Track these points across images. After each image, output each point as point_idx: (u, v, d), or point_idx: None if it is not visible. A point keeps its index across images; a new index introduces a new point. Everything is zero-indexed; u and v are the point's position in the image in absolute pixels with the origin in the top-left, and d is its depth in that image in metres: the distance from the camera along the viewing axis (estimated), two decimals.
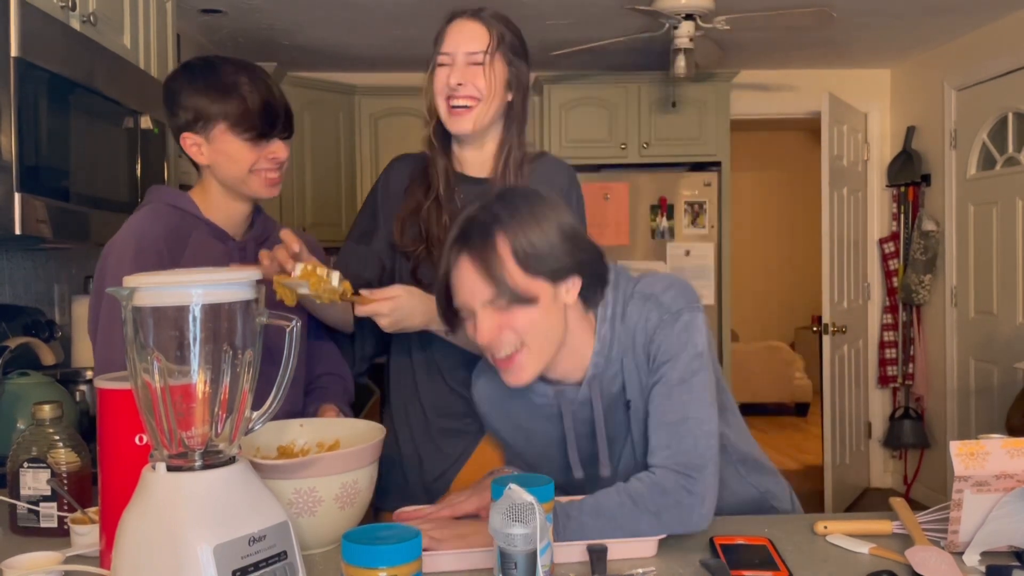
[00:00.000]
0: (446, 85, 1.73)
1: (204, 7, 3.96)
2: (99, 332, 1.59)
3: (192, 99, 1.61)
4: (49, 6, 2.05)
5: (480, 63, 1.72)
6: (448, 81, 1.72)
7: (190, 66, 1.66)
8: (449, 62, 1.74)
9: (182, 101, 1.62)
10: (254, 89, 1.62)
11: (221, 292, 0.98)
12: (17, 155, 1.84)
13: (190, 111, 1.62)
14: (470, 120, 1.73)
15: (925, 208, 5.19)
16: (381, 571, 0.94)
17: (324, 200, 4.96)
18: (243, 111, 1.60)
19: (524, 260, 1.32)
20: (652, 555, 1.24)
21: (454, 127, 1.75)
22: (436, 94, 1.75)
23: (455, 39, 1.74)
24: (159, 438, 0.99)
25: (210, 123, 1.61)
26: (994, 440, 1.22)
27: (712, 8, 3.82)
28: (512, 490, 1.05)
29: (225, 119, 1.61)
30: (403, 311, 1.57)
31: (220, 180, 1.67)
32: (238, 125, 1.61)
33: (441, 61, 1.75)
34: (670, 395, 1.35)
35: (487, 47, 1.73)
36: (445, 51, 1.74)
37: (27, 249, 2.55)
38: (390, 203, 1.83)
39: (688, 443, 1.31)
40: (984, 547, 1.22)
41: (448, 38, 1.75)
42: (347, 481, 1.28)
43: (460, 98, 1.73)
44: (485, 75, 1.72)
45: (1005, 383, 4.42)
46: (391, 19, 4.23)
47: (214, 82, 1.61)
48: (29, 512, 1.41)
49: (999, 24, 4.48)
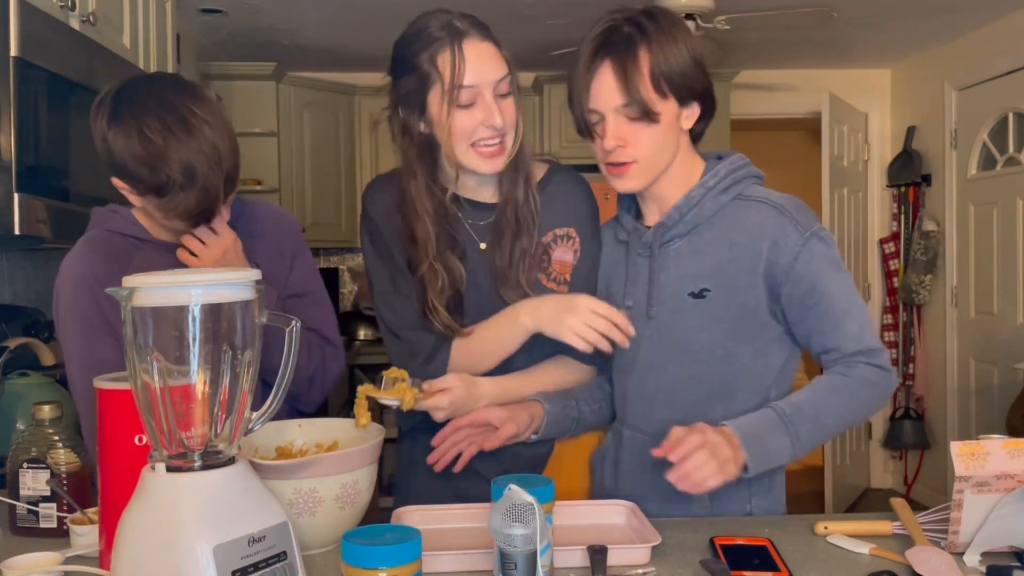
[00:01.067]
0: (479, 126, 1.46)
1: (204, 7, 3.96)
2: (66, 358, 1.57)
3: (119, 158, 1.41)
4: (49, 6, 2.05)
5: (507, 94, 1.48)
6: (490, 122, 1.46)
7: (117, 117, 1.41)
8: (474, 98, 1.45)
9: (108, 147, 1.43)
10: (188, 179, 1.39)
11: (221, 292, 0.98)
12: (17, 155, 1.84)
13: (118, 167, 1.43)
14: (503, 158, 1.50)
15: (925, 208, 5.19)
16: (381, 571, 0.94)
17: (324, 200, 4.96)
18: (176, 203, 1.42)
19: (659, 76, 1.41)
20: (646, 562, 1.24)
21: (486, 169, 1.50)
22: (458, 139, 1.47)
23: (478, 68, 1.45)
24: (159, 438, 0.99)
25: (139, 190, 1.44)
26: (994, 440, 1.22)
27: (712, 8, 3.81)
28: (512, 490, 1.05)
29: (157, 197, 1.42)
30: (460, 402, 1.51)
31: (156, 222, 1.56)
32: (170, 212, 1.44)
33: (465, 100, 1.45)
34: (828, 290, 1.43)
35: (508, 71, 1.48)
36: (469, 83, 1.44)
37: (27, 249, 2.55)
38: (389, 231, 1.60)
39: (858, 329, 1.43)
40: (985, 547, 1.22)
41: (469, 67, 1.44)
42: (347, 481, 1.28)
43: (493, 137, 1.48)
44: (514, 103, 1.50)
45: (1005, 383, 4.41)
46: (391, 19, 4.21)
47: (142, 155, 1.39)
48: (29, 512, 1.41)
49: (999, 24, 4.48)
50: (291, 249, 1.75)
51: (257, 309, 1.02)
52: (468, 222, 1.60)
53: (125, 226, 1.59)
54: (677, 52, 1.42)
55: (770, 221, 1.46)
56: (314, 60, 4.94)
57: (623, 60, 1.41)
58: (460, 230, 1.59)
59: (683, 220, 1.50)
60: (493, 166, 1.51)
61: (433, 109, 1.48)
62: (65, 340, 1.57)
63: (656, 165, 1.47)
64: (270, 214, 1.76)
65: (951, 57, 4.92)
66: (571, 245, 1.62)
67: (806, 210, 1.48)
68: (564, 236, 1.61)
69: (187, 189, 1.41)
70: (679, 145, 1.49)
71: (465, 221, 1.60)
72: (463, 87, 1.44)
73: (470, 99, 1.45)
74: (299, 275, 1.76)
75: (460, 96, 1.44)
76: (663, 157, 1.47)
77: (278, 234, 1.74)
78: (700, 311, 1.47)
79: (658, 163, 1.47)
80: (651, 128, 1.44)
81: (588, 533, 1.33)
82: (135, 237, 1.59)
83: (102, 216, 1.63)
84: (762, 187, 1.54)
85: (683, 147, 1.50)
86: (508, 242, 1.57)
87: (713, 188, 1.49)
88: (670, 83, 1.42)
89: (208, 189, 1.43)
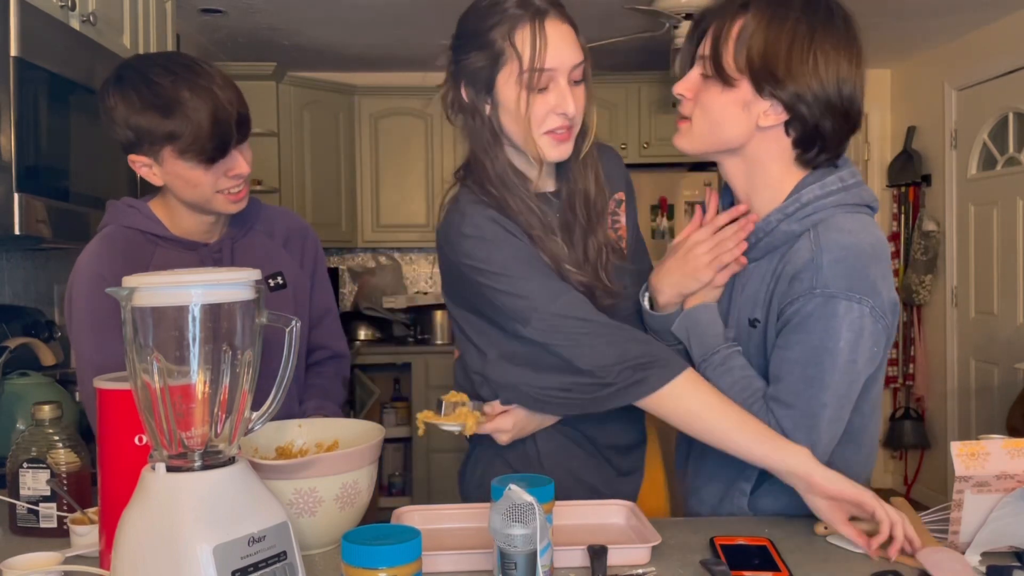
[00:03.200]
0: (552, 113, 1.38)
1: (204, 7, 3.96)
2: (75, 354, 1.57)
3: (130, 118, 1.43)
4: (49, 6, 2.05)
5: (581, 80, 1.40)
6: (563, 109, 1.37)
7: (122, 79, 1.45)
8: (548, 83, 1.36)
9: (118, 119, 1.44)
10: (199, 105, 1.41)
11: (221, 292, 0.98)
12: (16, 155, 1.84)
13: (130, 131, 1.44)
14: (570, 143, 1.43)
15: (926, 208, 5.19)
16: (381, 571, 0.94)
17: (324, 200, 4.96)
18: (190, 135, 1.41)
19: (743, 48, 1.31)
20: (646, 561, 1.24)
21: (554, 155, 1.42)
22: (534, 124, 1.38)
23: (559, 51, 1.36)
24: (159, 438, 0.99)
25: (156, 145, 1.44)
26: (994, 440, 1.22)
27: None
28: (512, 490, 1.05)
29: (171, 143, 1.43)
30: (522, 422, 1.47)
31: (180, 200, 1.54)
32: (187, 151, 1.43)
33: (545, 83, 1.36)
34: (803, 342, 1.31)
35: (584, 57, 1.40)
36: (549, 67, 1.35)
37: (27, 249, 2.55)
38: None
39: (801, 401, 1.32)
40: (985, 547, 1.22)
41: (550, 49, 1.35)
42: (347, 481, 1.28)
43: (562, 126, 1.39)
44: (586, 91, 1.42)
45: (1005, 383, 4.41)
46: (391, 19, 4.23)
47: (152, 100, 1.41)
48: (29, 512, 1.41)
49: (999, 24, 4.48)
50: (312, 260, 1.77)
51: (257, 309, 1.02)
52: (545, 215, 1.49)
53: (143, 222, 1.57)
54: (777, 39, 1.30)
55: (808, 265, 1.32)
56: (314, 60, 4.94)
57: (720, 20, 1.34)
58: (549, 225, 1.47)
59: (757, 245, 1.40)
60: (562, 152, 1.42)
61: (502, 90, 1.38)
62: (77, 338, 1.56)
63: (705, 133, 1.39)
64: (294, 225, 1.76)
65: (951, 57, 4.92)
66: (622, 209, 1.58)
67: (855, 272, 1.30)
68: (617, 201, 1.58)
69: (201, 124, 1.41)
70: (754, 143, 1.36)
71: None
72: (543, 70, 1.35)
73: (546, 83, 1.36)
74: (320, 294, 1.79)
75: (540, 79, 1.35)
76: (716, 131, 1.37)
77: (301, 245, 1.76)
78: (753, 341, 1.41)
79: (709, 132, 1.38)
80: (717, 92, 1.35)
81: (588, 533, 1.33)
82: (153, 234, 1.57)
83: (118, 211, 1.60)
84: (852, 218, 1.34)
85: (771, 154, 1.37)
86: (580, 239, 1.48)
87: (790, 216, 1.35)
88: (751, 60, 1.31)
89: (220, 121, 1.42)
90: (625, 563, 1.22)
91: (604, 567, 1.16)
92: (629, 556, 1.23)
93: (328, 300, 1.82)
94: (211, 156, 1.45)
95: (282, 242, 1.72)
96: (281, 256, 1.70)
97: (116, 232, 1.57)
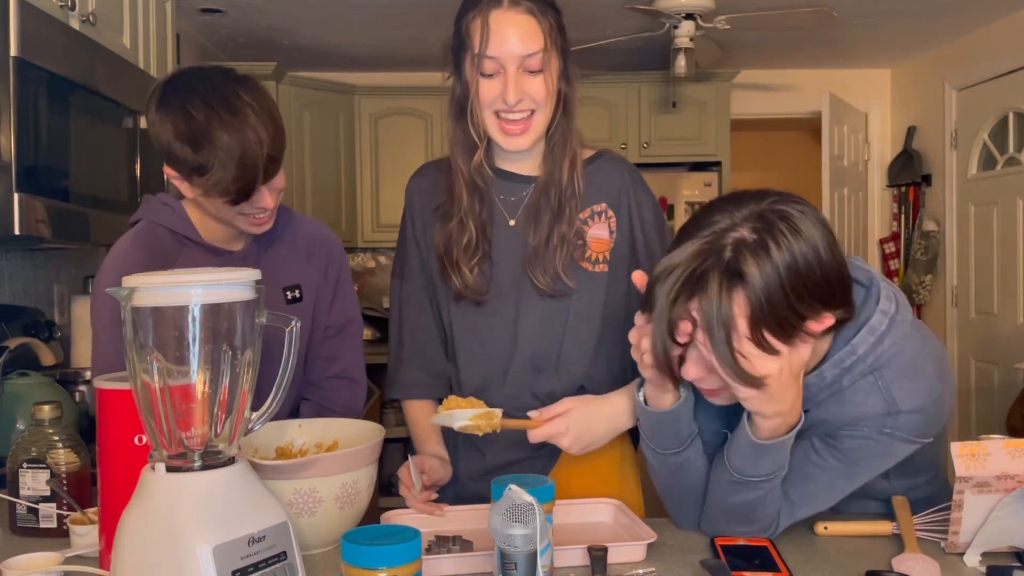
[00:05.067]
0: (498, 99, 1.45)
1: (204, 7, 3.96)
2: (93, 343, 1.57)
3: (165, 138, 1.45)
4: (49, 6, 2.05)
5: (537, 70, 1.44)
6: (504, 97, 1.44)
7: (163, 102, 1.46)
8: (497, 70, 1.44)
9: (154, 136, 1.47)
10: (230, 144, 1.41)
11: (221, 292, 0.98)
12: (16, 155, 1.83)
13: (163, 152, 1.47)
14: (528, 137, 1.48)
15: (926, 208, 5.19)
16: (381, 571, 0.94)
17: (324, 200, 4.95)
18: (215, 176, 1.43)
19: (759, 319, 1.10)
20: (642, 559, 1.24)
21: (509, 146, 1.49)
22: (483, 107, 1.47)
23: (502, 41, 1.42)
24: (159, 438, 0.99)
25: (183, 172, 1.47)
26: (995, 441, 1.22)
27: (712, 8, 3.82)
28: (512, 491, 1.05)
29: (198, 175, 1.44)
30: (581, 424, 1.37)
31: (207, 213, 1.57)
32: (211, 190, 1.45)
33: (487, 69, 1.44)
34: None
35: (543, 46, 1.43)
36: (490, 55, 1.43)
37: (27, 249, 2.55)
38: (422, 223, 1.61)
39: None
40: (985, 548, 1.22)
41: (492, 39, 1.42)
42: (347, 481, 1.28)
43: (515, 112, 1.45)
44: (545, 81, 1.45)
45: (1005, 383, 4.41)
46: (391, 19, 4.23)
47: (185, 132, 1.42)
48: (29, 512, 1.41)
49: (999, 24, 4.48)
50: (336, 273, 1.77)
51: (257, 309, 1.02)
52: (500, 196, 1.56)
53: (175, 222, 1.59)
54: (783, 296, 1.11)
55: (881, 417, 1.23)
56: (314, 60, 4.94)
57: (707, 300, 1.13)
58: (489, 204, 1.55)
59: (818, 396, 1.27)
60: (515, 144, 1.48)
61: (466, 71, 1.48)
62: (97, 331, 1.57)
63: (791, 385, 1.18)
64: (319, 236, 1.76)
65: (951, 57, 4.92)
66: (605, 221, 1.55)
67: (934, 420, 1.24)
68: (600, 213, 1.55)
69: (227, 167, 1.42)
70: None
71: (497, 196, 1.56)
72: (486, 57, 1.43)
73: (493, 70, 1.44)
74: (342, 303, 1.77)
75: (484, 65, 1.44)
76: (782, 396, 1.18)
77: (326, 255, 1.75)
78: None
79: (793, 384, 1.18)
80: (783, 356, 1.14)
81: (579, 532, 1.33)
82: (183, 235, 1.59)
83: (152, 207, 1.62)
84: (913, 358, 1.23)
85: None
86: (546, 225, 1.51)
87: (850, 370, 1.23)
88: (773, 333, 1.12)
89: (247, 167, 1.43)
90: (621, 561, 1.22)
91: (604, 567, 1.16)
92: (625, 554, 1.23)
93: (351, 310, 1.80)
94: (234, 199, 1.47)
95: (306, 254, 1.72)
96: (304, 268, 1.71)
97: (147, 229, 1.59)
